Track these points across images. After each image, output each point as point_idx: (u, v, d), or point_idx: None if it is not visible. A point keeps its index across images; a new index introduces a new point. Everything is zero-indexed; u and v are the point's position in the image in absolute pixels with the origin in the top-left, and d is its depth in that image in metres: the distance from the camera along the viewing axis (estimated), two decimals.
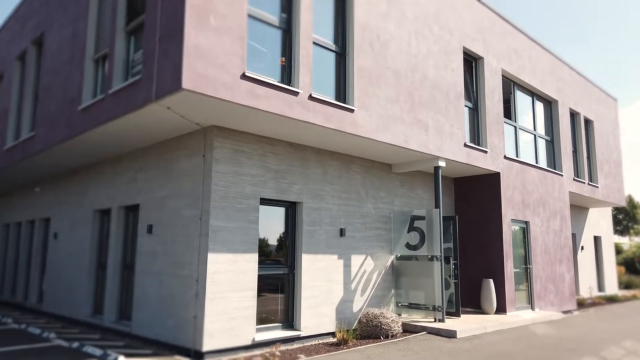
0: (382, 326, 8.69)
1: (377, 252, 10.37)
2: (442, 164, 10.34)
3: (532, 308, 12.45)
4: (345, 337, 8.15)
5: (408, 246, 10.53)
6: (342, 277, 9.49)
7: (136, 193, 9.27)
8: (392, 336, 8.78)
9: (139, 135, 8.47)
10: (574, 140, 16.31)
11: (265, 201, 8.45)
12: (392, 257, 10.74)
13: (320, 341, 8.64)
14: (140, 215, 9.04)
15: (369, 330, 8.77)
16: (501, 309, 11.50)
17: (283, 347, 7.99)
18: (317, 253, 9.06)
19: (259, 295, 8.18)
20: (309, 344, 8.44)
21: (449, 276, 10.72)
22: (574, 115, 16.38)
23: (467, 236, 12.40)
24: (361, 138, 8.66)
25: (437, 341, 8.45)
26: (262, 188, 8.29)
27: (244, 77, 6.86)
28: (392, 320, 8.82)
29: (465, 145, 10.99)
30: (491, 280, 11.50)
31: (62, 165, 11.41)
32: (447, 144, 10.47)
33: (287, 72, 7.85)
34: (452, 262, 10.73)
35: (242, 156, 8.08)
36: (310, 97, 7.75)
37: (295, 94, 7.53)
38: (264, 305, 8.34)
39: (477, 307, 11.86)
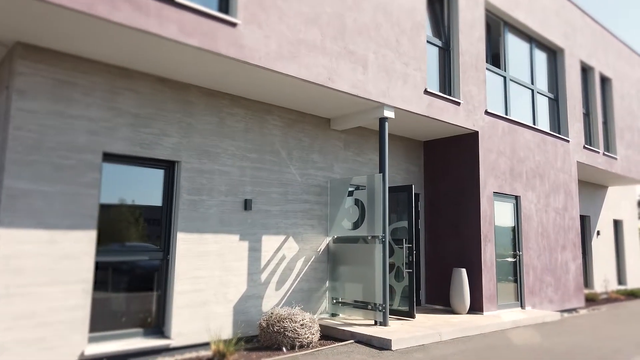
0: (287, 333, 6.22)
1: (304, 233, 7.86)
2: (389, 114, 7.71)
3: (522, 306, 9.77)
4: (222, 349, 5.71)
5: (347, 225, 7.99)
6: (245, 265, 7.03)
7: None
8: (300, 347, 6.31)
9: None
10: (586, 101, 13.35)
11: (115, 158, 6.03)
12: (329, 239, 8.21)
13: (196, 354, 6.22)
14: None
15: (270, 339, 6.31)
16: (477, 307, 8.87)
17: None
18: (204, 232, 6.62)
19: (110, 290, 5.81)
20: (180, 357, 6.04)
21: (403, 264, 8.14)
22: (586, 70, 13.40)
23: (437, 214, 9.76)
24: (252, 67, 6.12)
25: (359, 355, 5.94)
26: (108, 138, 5.86)
27: None
28: (302, 325, 6.33)
29: (425, 92, 8.31)
30: (463, 271, 8.86)
31: None
32: (397, 88, 7.82)
33: None
34: (405, 245, 8.14)
35: (74, 91, 5.65)
36: None
37: None
38: (117, 305, 5.96)
39: (448, 304, 9.26)
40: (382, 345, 6.37)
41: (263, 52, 6.10)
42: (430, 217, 9.87)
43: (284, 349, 6.19)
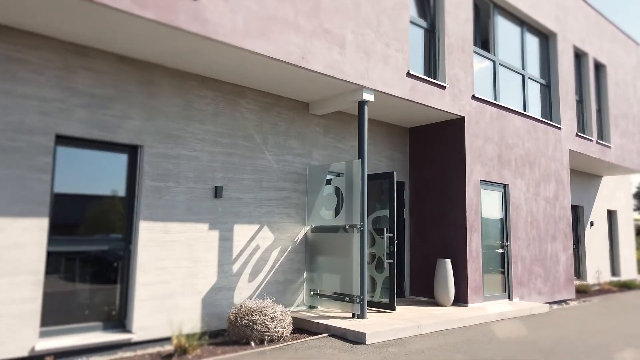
0: (256, 326, 5.89)
1: (280, 222, 7.52)
2: (368, 97, 7.33)
3: (510, 297, 9.46)
4: (183, 344, 5.38)
5: (325, 214, 7.64)
6: (216, 256, 6.69)
7: None
8: (270, 341, 5.98)
9: None
10: (579, 88, 12.98)
11: (70, 141, 5.65)
12: (307, 229, 7.87)
13: (159, 349, 5.89)
14: None
15: (238, 333, 5.98)
16: (462, 299, 8.56)
17: None
18: (170, 220, 6.26)
19: (66, 281, 5.47)
20: (142, 352, 5.71)
21: (384, 255, 7.81)
22: (580, 56, 13.02)
23: (423, 202, 9.42)
24: (218, 45, 5.73)
25: (330, 350, 5.62)
26: (61, 120, 5.48)
27: None
28: (272, 318, 6.00)
29: (408, 74, 7.93)
30: (448, 261, 8.53)
31: None
32: (377, 70, 7.44)
33: None
34: (386, 235, 7.80)
35: (24, 68, 5.27)
36: None
37: None
38: (74, 297, 5.61)
39: (433, 295, 8.95)
40: (357, 339, 6.05)
41: (229, 28, 5.71)
42: (415, 206, 9.54)
43: (252, 343, 5.87)
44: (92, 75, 5.74)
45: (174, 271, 6.24)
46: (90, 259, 5.77)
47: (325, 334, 6.39)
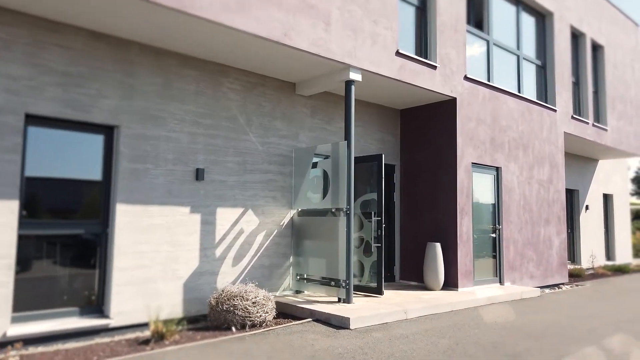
0: (237, 312, 5.75)
1: (265, 205, 7.34)
2: (355, 76, 7.10)
3: (501, 282, 9.34)
4: (160, 330, 5.24)
5: (311, 197, 7.47)
6: (197, 240, 6.53)
7: None
8: (252, 326, 5.85)
9: None
10: (576, 69, 12.72)
11: (42, 121, 5.44)
12: (293, 212, 7.70)
13: (138, 334, 5.76)
14: None
15: (219, 318, 5.84)
16: (451, 283, 8.44)
17: (62, 346, 5.15)
18: (149, 203, 6.08)
19: (41, 266, 5.30)
20: (119, 338, 5.57)
21: (372, 239, 7.66)
22: (577, 36, 12.73)
23: (413, 186, 9.24)
24: (194, 20, 5.48)
25: (312, 335, 5.48)
26: (32, 98, 5.26)
27: None
28: (254, 303, 5.86)
29: (397, 53, 7.69)
30: (438, 245, 8.39)
31: None
32: (365, 48, 7.20)
33: None
34: (374, 218, 7.64)
35: None
36: None
37: None
38: (50, 282, 5.45)
39: (422, 280, 8.83)
40: (341, 324, 5.92)
41: (205, 2, 5.46)
42: (406, 190, 9.36)
43: (233, 328, 5.74)
44: (64, 52, 5.51)
45: (154, 255, 6.08)
46: (66, 243, 5.60)
47: (310, 319, 6.26)
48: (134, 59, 6.06)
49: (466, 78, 8.91)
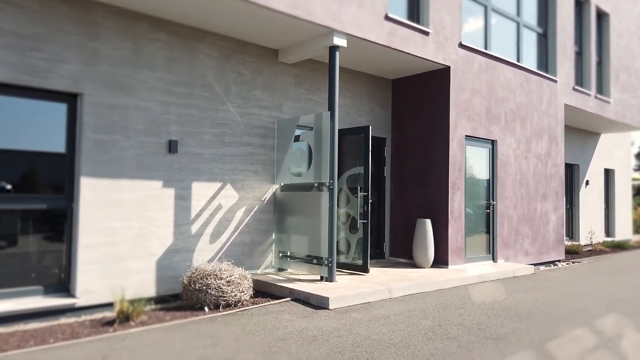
0: (210, 291, 5.46)
1: (245, 180, 7.00)
2: (340, 42, 6.64)
3: (494, 259, 9.06)
4: (126, 310, 4.96)
5: (294, 171, 7.11)
6: (172, 216, 6.21)
7: None
8: (227, 306, 5.57)
9: None
10: (579, 38, 12.16)
11: None
12: (275, 187, 7.36)
13: (106, 314, 5.49)
14: None
15: (192, 298, 5.57)
16: (442, 260, 8.15)
17: (22, 327, 4.89)
18: (117, 177, 5.74)
19: (5, 242, 5.01)
20: (84, 318, 5.31)
21: (358, 215, 7.33)
22: (581, 3, 12.12)
23: (405, 160, 8.87)
24: None
25: (288, 316, 5.21)
26: None
27: None
28: (229, 282, 5.57)
29: (386, 18, 7.20)
30: (428, 221, 8.07)
31: None
32: (350, 11, 6.72)
33: None
34: (360, 194, 7.29)
35: None
36: None
37: None
38: (9, 260, 5.16)
39: (412, 257, 8.54)
40: (320, 304, 5.64)
41: None
42: (397, 164, 8.99)
43: (206, 308, 5.46)
44: (16, 11, 5.07)
45: (124, 232, 5.76)
46: (30, 219, 5.28)
47: (289, 298, 5.98)
48: (98, 21, 5.62)
49: (461, 45, 8.42)
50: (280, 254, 7.21)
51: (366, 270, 7.12)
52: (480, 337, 4.65)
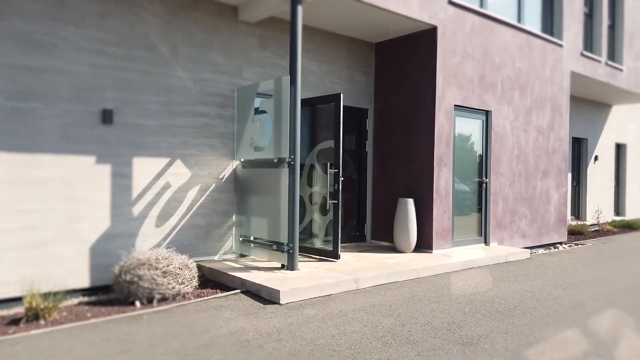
0: (142, 283, 4.74)
1: (199, 154, 6.20)
2: None
3: (486, 242, 8.23)
4: (36, 306, 4.25)
5: (254, 145, 6.29)
6: (108, 196, 5.45)
7: None
8: (163, 300, 4.85)
9: None
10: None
11: None
12: (236, 164, 6.57)
13: (17, 310, 4.80)
14: None
15: (123, 290, 4.85)
16: (425, 244, 7.35)
17: None
18: (37, 151, 4.97)
19: None
20: None
21: (328, 194, 6.52)
22: None
23: (388, 134, 7.99)
24: None
25: (229, 313, 4.47)
26: None
27: None
28: (165, 272, 4.83)
29: None
30: (410, 201, 7.24)
31: None
32: None
33: None
34: (330, 170, 6.47)
35: None
36: None
37: None
38: None
39: (393, 240, 7.75)
40: (270, 297, 4.89)
41: None
42: (380, 138, 8.12)
43: (137, 303, 4.75)
44: None
45: (47, 215, 5.03)
46: None
47: (239, 290, 5.25)
48: None
49: (450, 2, 7.43)
50: (241, 238, 6.45)
51: (336, 257, 6.35)
52: (448, 341, 3.88)
